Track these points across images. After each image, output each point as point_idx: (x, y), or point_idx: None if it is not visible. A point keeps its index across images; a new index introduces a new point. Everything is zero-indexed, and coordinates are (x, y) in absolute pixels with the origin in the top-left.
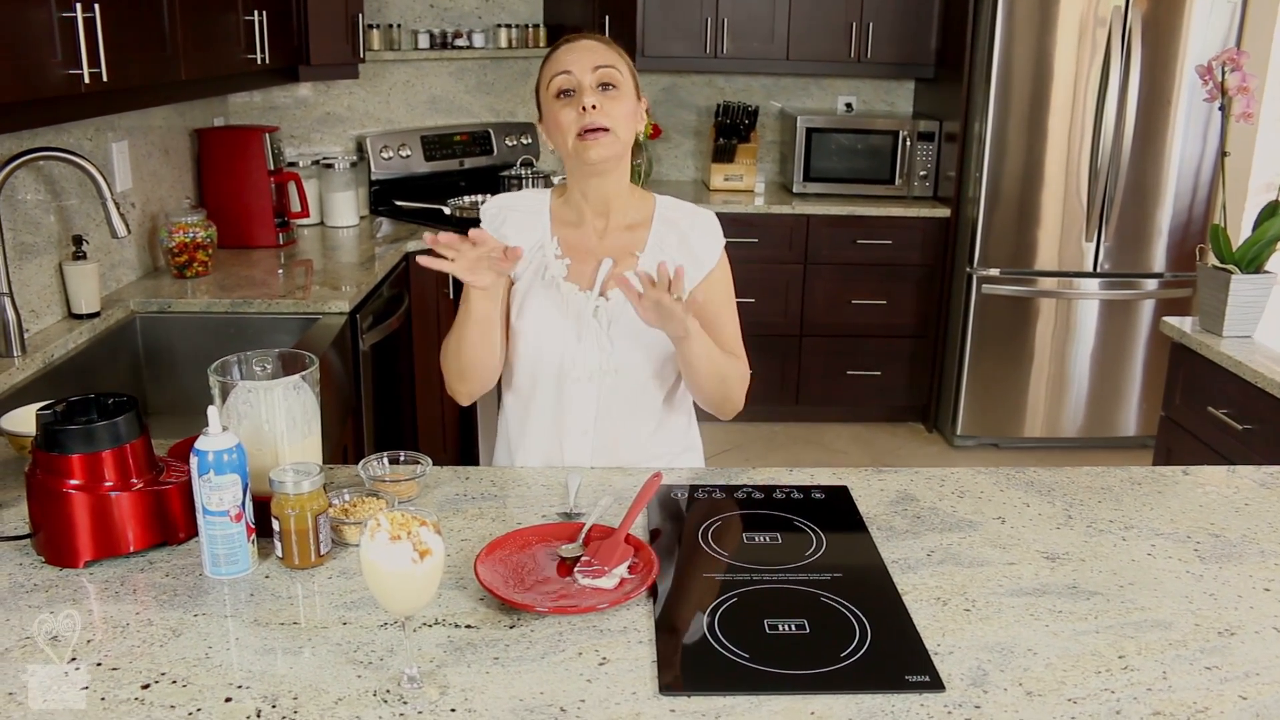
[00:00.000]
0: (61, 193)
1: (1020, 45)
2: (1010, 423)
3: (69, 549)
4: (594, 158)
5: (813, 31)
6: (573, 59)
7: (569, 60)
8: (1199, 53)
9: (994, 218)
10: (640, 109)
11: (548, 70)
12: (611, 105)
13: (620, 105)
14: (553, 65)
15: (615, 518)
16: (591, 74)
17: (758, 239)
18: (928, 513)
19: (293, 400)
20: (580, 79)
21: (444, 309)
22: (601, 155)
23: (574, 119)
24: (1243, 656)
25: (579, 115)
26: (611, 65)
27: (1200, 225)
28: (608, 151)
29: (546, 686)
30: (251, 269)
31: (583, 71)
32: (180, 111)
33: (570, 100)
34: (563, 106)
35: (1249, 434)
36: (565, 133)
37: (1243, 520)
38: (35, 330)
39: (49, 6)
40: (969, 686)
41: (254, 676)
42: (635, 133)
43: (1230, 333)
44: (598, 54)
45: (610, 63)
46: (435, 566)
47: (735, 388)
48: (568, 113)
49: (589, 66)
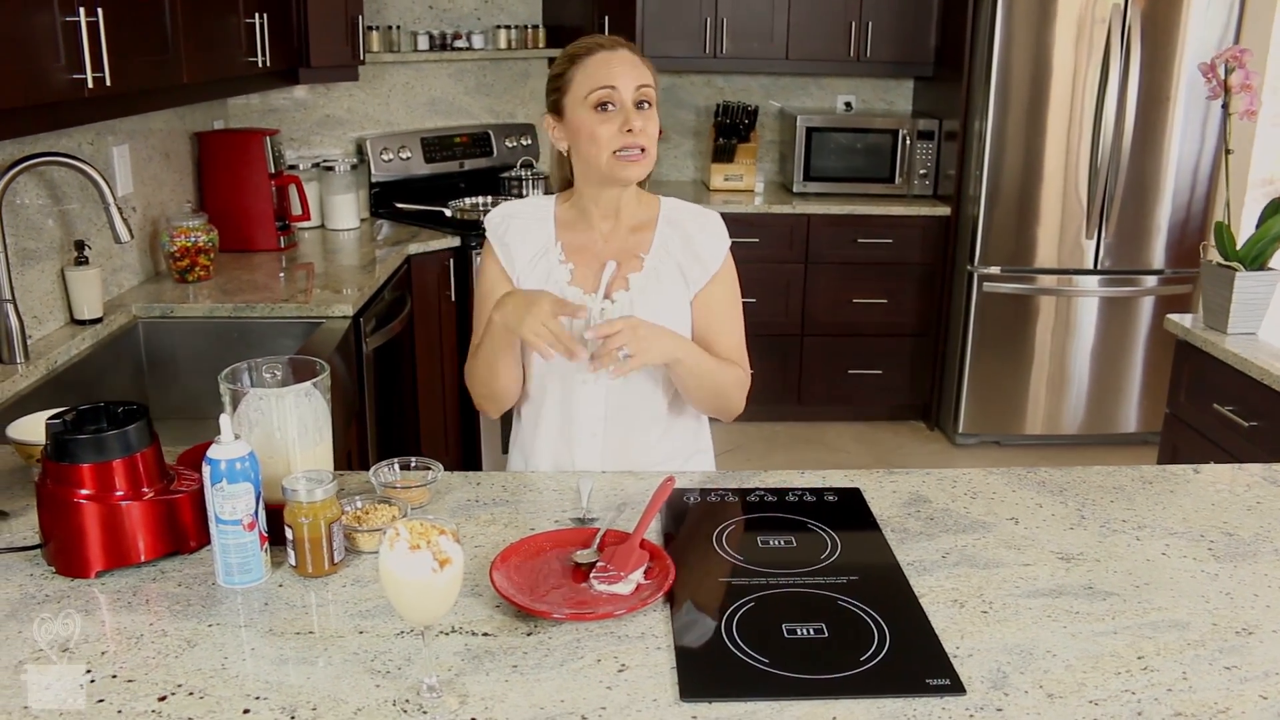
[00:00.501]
0: (63, 198)
1: (1019, 43)
2: (1012, 420)
3: (80, 559)
4: (631, 177)
5: (812, 31)
6: (619, 74)
7: (615, 74)
8: (1197, 50)
9: (994, 216)
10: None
11: (588, 77)
12: (649, 125)
13: (654, 124)
14: (594, 74)
15: (628, 522)
16: (634, 91)
17: (758, 239)
18: (941, 514)
19: (304, 407)
20: (624, 96)
21: (445, 311)
22: (638, 175)
23: (613, 135)
24: (1262, 656)
25: (620, 133)
26: (650, 84)
27: (1199, 222)
28: (643, 171)
29: (567, 694)
30: (253, 273)
31: (626, 88)
32: (180, 115)
33: (611, 115)
34: (602, 121)
35: (1255, 430)
36: (601, 147)
37: (1255, 518)
38: (38, 336)
39: (52, 11)
40: (990, 689)
41: (271, 687)
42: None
43: (1235, 329)
44: (639, 71)
45: (649, 81)
46: (455, 576)
47: (734, 396)
48: (607, 128)
49: (633, 83)
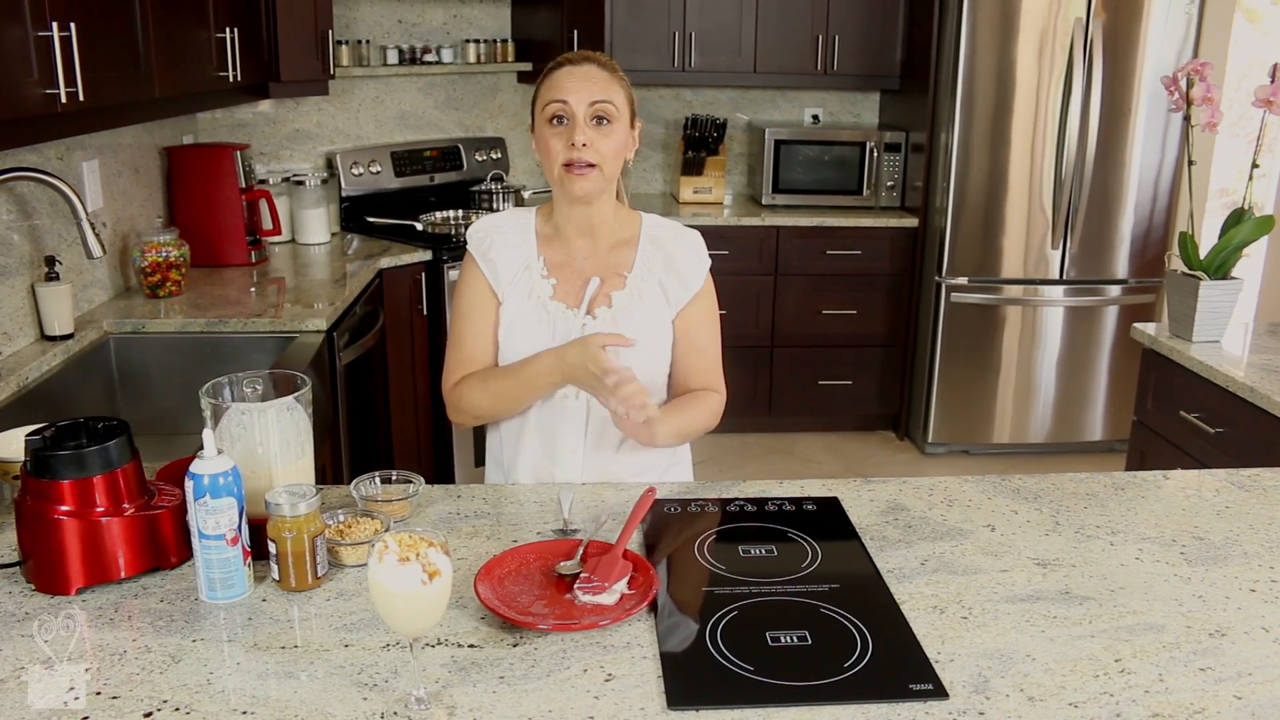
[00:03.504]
0: (32, 213)
1: (984, 56)
2: (980, 429)
3: (60, 576)
4: (577, 192)
5: (780, 44)
6: (572, 87)
7: (568, 88)
8: (1157, 63)
9: (961, 227)
10: (633, 136)
11: (545, 91)
12: (602, 141)
13: (611, 140)
14: (551, 88)
15: (610, 533)
16: (588, 107)
17: (728, 251)
18: (919, 522)
19: (286, 422)
20: (575, 110)
21: (417, 325)
22: (585, 190)
23: (562, 149)
24: (1235, 657)
25: (568, 147)
26: (608, 100)
27: (1161, 232)
28: (591, 186)
29: (555, 705)
30: (225, 288)
31: (579, 103)
32: (149, 130)
33: (562, 130)
34: (554, 134)
35: (1220, 437)
36: (553, 160)
37: (1224, 523)
38: (8, 353)
39: (25, 25)
40: (971, 693)
41: (258, 702)
42: (625, 161)
43: (1200, 338)
44: (597, 85)
45: (608, 96)
46: (444, 588)
47: (708, 426)
48: (557, 142)
49: (586, 99)
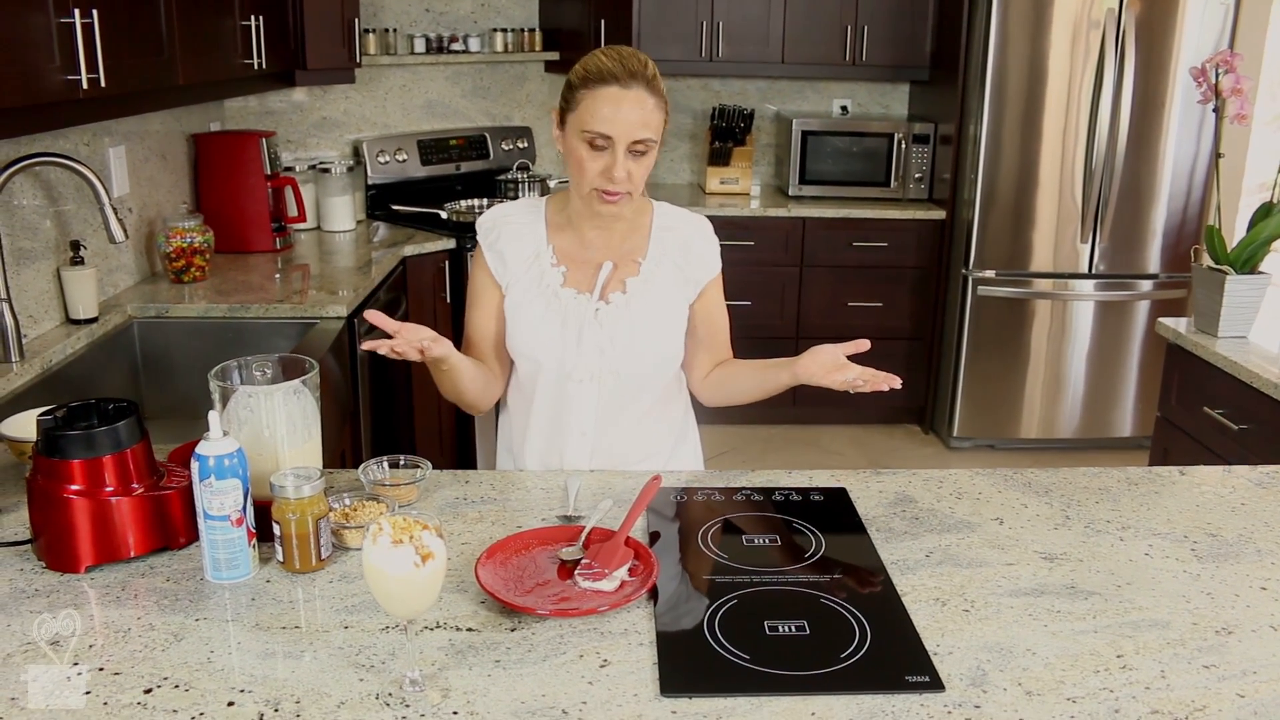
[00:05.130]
0: (59, 198)
1: (1014, 47)
2: (1006, 424)
3: (70, 554)
4: (608, 214)
5: (808, 35)
6: (618, 120)
7: (613, 121)
8: (1192, 54)
9: (989, 220)
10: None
11: (588, 112)
12: (638, 169)
13: (645, 165)
14: (598, 111)
15: (615, 520)
16: (631, 143)
17: (754, 242)
18: (926, 514)
19: (293, 405)
20: (617, 144)
21: (440, 313)
22: (615, 214)
23: (598, 174)
24: (1240, 655)
25: (605, 176)
26: (652, 136)
27: (1194, 226)
28: (621, 210)
29: (548, 689)
30: (248, 274)
31: (622, 139)
32: (177, 116)
33: (600, 156)
34: (591, 157)
35: (1245, 434)
36: (586, 179)
37: (1239, 520)
38: (33, 336)
39: (47, 12)
40: (968, 686)
41: (256, 681)
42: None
43: (1225, 333)
44: (642, 117)
45: (652, 132)
46: (437, 570)
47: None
48: (594, 165)
49: (630, 135)
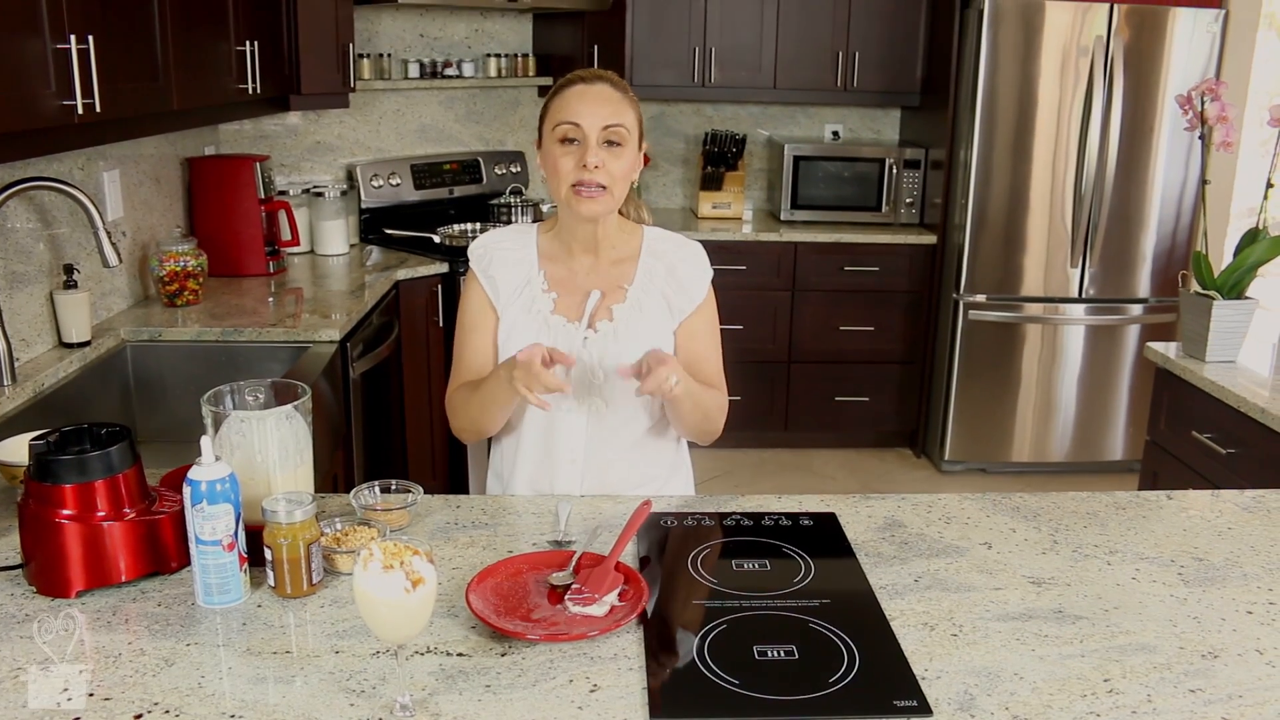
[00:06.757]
0: (52, 221)
1: (1004, 74)
2: (998, 448)
3: (61, 579)
4: (586, 213)
5: (800, 60)
6: (585, 110)
7: (580, 110)
8: (1180, 81)
9: (980, 244)
10: (640, 158)
11: (556, 110)
12: (614, 163)
13: (621, 162)
14: (562, 108)
15: (605, 545)
16: (601, 130)
17: (746, 266)
18: (915, 539)
19: (285, 430)
20: (588, 132)
21: (433, 337)
22: (594, 212)
23: (572, 169)
24: (1226, 679)
25: (578, 168)
26: (621, 123)
27: (1184, 251)
28: (600, 208)
29: (538, 714)
30: (242, 297)
31: (592, 126)
32: (171, 140)
33: (572, 150)
34: (564, 154)
35: (1233, 458)
36: (561, 180)
37: (1226, 544)
38: (26, 359)
39: (43, 37)
40: (956, 711)
41: (247, 706)
42: (631, 183)
43: (1213, 358)
44: (610, 108)
45: (620, 119)
46: (428, 595)
47: (715, 419)
48: (567, 161)
49: (599, 122)
